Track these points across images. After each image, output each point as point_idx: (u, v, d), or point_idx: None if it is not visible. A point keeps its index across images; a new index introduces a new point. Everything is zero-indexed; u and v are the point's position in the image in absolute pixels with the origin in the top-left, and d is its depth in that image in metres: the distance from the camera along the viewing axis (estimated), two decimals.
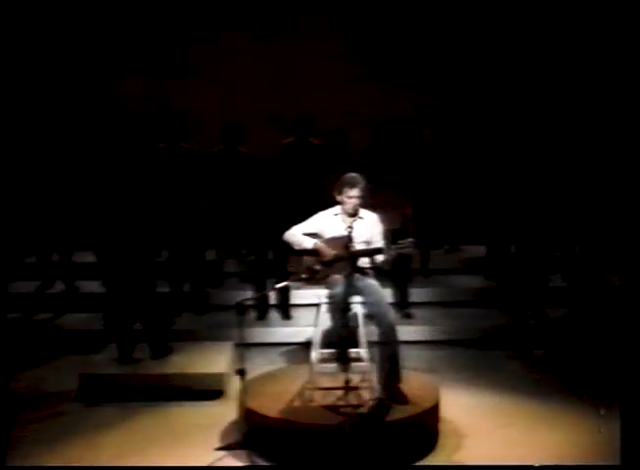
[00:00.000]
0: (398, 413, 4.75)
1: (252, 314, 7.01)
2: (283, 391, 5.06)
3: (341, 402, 4.83)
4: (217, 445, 4.85)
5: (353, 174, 5.19)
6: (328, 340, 5.23)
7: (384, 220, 5.28)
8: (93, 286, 7.47)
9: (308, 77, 9.04)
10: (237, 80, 9.05)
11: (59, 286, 7.69)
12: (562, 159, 7.08)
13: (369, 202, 5.31)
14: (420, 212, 7.22)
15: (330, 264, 4.97)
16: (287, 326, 6.99)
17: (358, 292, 4.99)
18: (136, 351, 6.04)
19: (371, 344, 4.99)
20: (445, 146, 7.88)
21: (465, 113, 8.77)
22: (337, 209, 5.16)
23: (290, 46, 9.05)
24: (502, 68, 8.99)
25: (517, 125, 7.60)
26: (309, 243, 5.08)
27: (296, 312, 7.11)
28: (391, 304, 6.00)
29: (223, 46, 9.07)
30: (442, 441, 4.90)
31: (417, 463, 4.65)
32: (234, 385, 5.31)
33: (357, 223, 5.06)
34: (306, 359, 5.20)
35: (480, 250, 8.02)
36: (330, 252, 4.99)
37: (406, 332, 6.31)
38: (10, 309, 7.05)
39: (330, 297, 5.01)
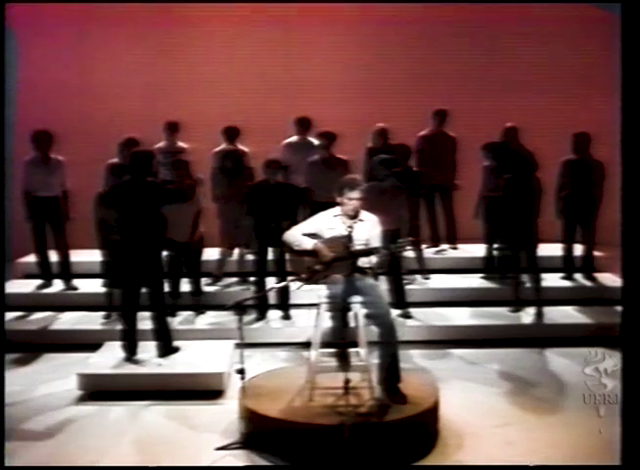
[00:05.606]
0: (398, 413, 4.76)
1: (252, 314, 7.01)
2: (283, 391, 5.06)
3: (340, 402, 4.83)
4: (217, 445, 4.85)
5: (354, 176, 5.19)
6: (328, 340, 5.23)
7: (383, 221, 5.27)
8: (91, 285, 7.48)
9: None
10: None
11: (58, 285, 7.69)
12: None
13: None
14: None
15: (329, 265, 4.97)
16: (287, 326, 7.00)
17: (358, 292, 4.99)
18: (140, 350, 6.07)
19: (371, 344, 5.00)
20: None
21: None
22: (336, 210, 5.15)
23: None
24: None
25: None
26: (309, 243, 5.08)
27: (296, 312, 7.11)
28: (391, 304, 6.00)
29: None
30: (442, 441, 4.91)
31: (417, 463, 4.65)
32: (234, 385, 5.31)
33: (357, 225, 5.05)
34: (306, 359, 5.20)
35: (478, 249, 8.04)
36: (329, 252, 4.98)
37: (406, 332, 6.32)
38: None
39: (330, 297, 5.01)
